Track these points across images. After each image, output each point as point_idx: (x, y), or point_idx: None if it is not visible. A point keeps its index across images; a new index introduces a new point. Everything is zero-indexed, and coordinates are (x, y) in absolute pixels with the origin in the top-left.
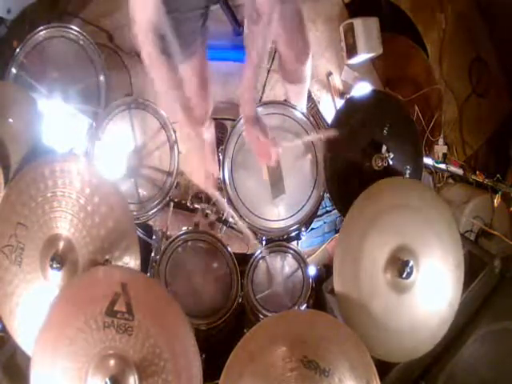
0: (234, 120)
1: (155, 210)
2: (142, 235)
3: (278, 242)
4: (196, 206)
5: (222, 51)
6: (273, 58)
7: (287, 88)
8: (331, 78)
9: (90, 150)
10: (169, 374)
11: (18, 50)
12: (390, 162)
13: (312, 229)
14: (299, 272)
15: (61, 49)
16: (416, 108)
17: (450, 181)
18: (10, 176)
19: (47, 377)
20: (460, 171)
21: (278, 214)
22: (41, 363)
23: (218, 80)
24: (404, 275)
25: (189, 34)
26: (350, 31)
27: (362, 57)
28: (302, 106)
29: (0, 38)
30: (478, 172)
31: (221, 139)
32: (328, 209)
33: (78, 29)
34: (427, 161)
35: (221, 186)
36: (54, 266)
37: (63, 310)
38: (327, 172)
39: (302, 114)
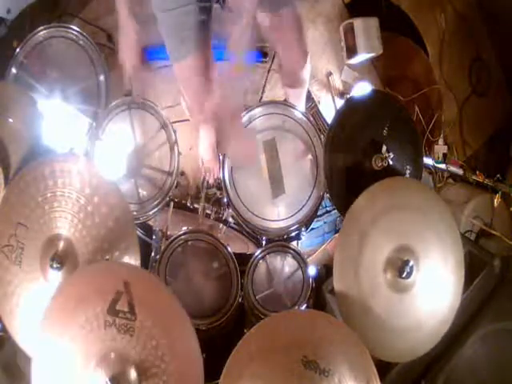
0: None
1: (155, 210)
2: (142, 235)
3: (278, 242)
4: (196, 206)
5: (221, 51)
6: (273, 58)
7: (286, 92)
8: (331, 78)
9: (90, 150)
10: (170, 376)
11: (18, 50)
12: (390, 162)
13: (312, 229)
14: (299, 272)
15: (61, 49)
16: (416, 108)
17: (450, 181)
18: (10, 176)
19: (47, 376)
20: (460, 171)
21: (278, 214)
22: (41, 363)
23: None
24: (404, 275)
25: (184, 31)
26: (349, 31)
27: (362, 57)
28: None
29: (0, 37)
30: (477, 172)
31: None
32: (328, 209)
33: (77, 29)
34: (427, 161)
35: (221, 186)
36: (54, 266)
37: (64, 306)
38: (327, 172)
39: (302, 114)
